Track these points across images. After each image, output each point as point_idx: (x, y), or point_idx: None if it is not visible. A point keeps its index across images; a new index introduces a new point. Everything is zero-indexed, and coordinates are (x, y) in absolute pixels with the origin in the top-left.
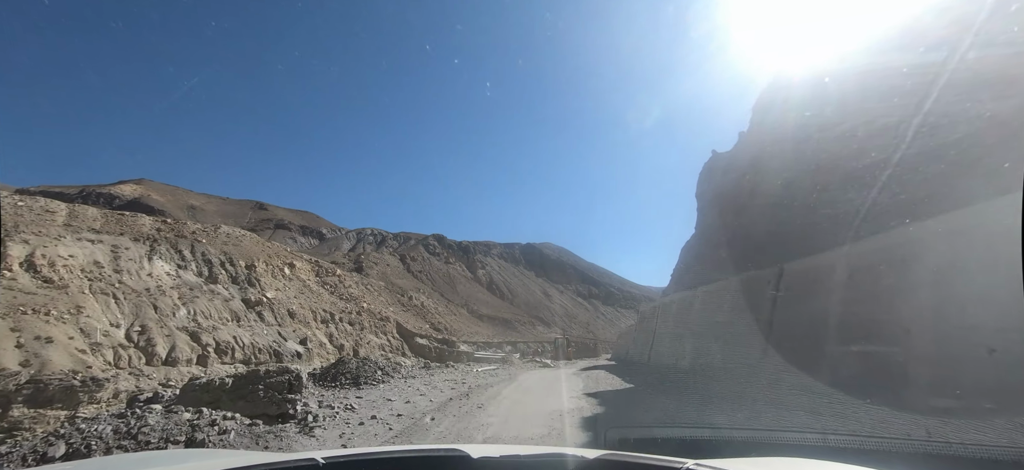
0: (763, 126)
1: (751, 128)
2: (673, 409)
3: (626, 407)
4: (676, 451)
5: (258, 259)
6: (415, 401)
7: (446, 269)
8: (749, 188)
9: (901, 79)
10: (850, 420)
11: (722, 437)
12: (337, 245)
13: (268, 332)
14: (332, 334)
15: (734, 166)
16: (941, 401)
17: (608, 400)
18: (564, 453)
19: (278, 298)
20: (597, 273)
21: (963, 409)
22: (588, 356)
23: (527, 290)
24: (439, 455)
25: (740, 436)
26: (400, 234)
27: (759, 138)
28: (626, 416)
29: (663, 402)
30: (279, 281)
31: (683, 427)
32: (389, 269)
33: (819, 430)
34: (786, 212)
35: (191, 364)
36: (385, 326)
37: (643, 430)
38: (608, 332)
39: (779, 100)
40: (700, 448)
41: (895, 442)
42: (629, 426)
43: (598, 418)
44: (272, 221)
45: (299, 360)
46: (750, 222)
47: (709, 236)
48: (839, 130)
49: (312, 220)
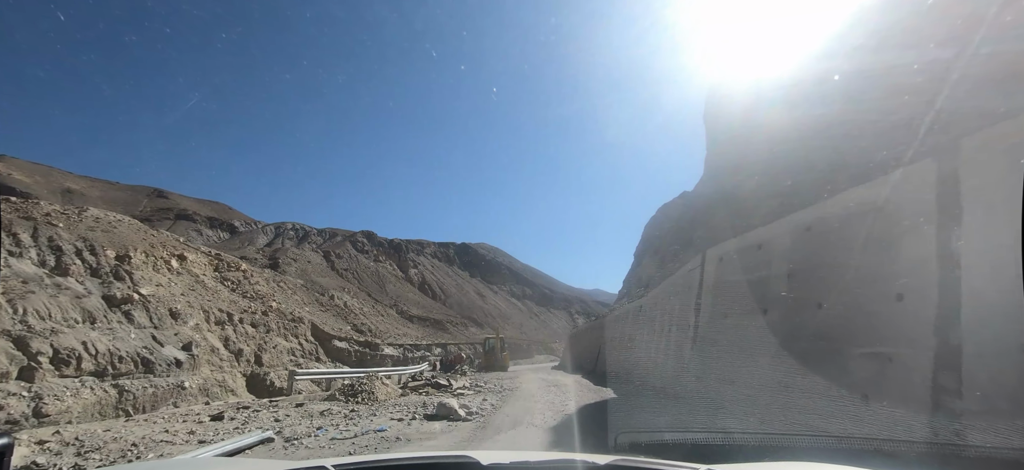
0: (757, 126)
1: (741, 129)
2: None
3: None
4: (688, 455)
5: (135, 249)
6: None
7: (375, 268)
8: (754, 189)
9: (911, 76)
10: (864, 424)
11: (735, 442)
12: (251, 240)
13: (138, 336)
14: (228, 338)
15: (742, 166)
16: (959, 403)
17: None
18: (574, 459)
19: (157, 295)
20: (531, 274)
21: (983, 411)
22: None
23: (461, 290)
24: (449, 462)
25: (752, 441)
26: (326, 230)
27: (754, 137)
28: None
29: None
30: (162, 275)
31: (695, 431)
32: (310, 266)
33: (833, 434)
34: (791, 212)
35: (8, 379)
36: (297, 328)
37: (653, 434)
38: (541, 333)
39: (779, 99)
40: (712, 453)
41: (911, 445)
42: (639, 431)
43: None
44: (173, 211)
45: (178, 369)
46: (755, 224)
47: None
48: (846, 128)
49: (223, 211)
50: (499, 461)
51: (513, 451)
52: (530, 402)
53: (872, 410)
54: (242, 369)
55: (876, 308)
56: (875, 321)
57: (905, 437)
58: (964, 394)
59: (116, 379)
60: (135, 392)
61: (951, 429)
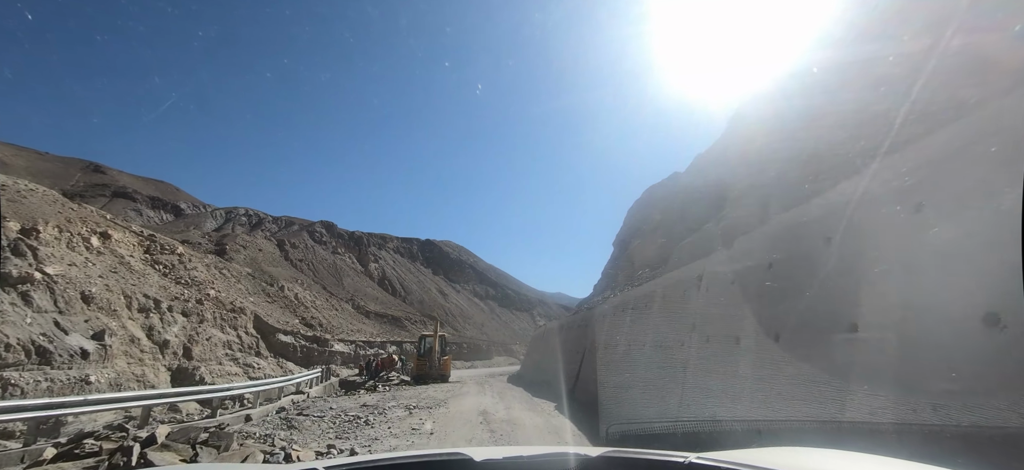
0: (746, 118)
1: (732, 123)
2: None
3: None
4: (677, 446)
5: (45, 222)
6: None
7: (333, 260)
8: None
9: (888, 67)
10: (848, 407)
11: (723, 429)
12: (198, 223)
13: (36, 321)
14: (153, 327)
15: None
16: (938, 384)
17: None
18: (566, 451)
19: (68, 275)
20: (495, 274)
21: (961, 391)
22: (479, 359)
23: (422, 288)
24: (442, 460)
25: (740, 428)
26: (282, 218)
27: (743, 130)
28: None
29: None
30: (78, 253)
31: (684, 421)
32: (261, 254)
33: (819, 419)
34: (776, 202)
35: None
36: (237, 319)
37: (644, 425)
38: (502, 334)
39: (764, 92)
40: (701, 442)
41: (893, 426)
42: (630, 422)
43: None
44: (110, 188)
45: (85, 361)
46: (739, 213)
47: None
48: (829, 120)
49: (169, 191)
50: (493, 457)
51: (506, 447)
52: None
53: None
54: (167, 362)
55: (857, 295)
56: (856, 307)
57: (889, 419)
58: (941, 375)
59: (1, 370)
60: (23, 386)
61: (929, 408)
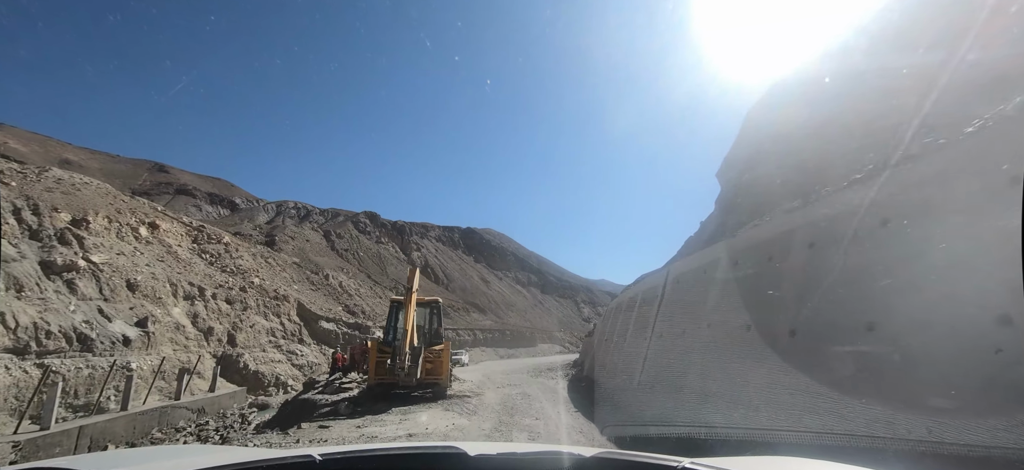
0: (759, 126)
1: (744, 130)
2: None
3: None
4: (672, 450)
5: (96, 213)
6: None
7: (377, 249)
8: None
9: (900, 80)
10: (847, 420)
11: (718, 436)
12: (251, 217)
13: (81, 308)
14: (198, 314)
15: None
16: (938, 401)
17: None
18: (561, 451)
19: (114, 263)
20: (537, 261)
21: (960, 409)
22: (523, 346)
23: (464, 275)
24: (436, 452)
25: (736, 435)
26: (329, 210)
27: (755, 138)
28: None
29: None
30: (126, 243)
31: (679, 425)
32: (309, 245)
33: (816, 429)
34: (785, 213)
35: None
36: (281, 306)
37: (639, 428)
38: (546, 321)
39: (776, 101)
40: (696, 447)
41: (892, 442)
42: (625, 425)
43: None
44: (173, 186)
45: (127, 348)
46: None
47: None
48: (836, 129)
49: (224, 188)
50: (486, 452)
51: (500, 443)
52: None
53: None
54: (212, 349)
55: (860, 307)
56: (859, 320)
57: (885, 433)
58: (941, 393)
59: (41, 358)
60: (65, 374)
61: (926, 427)
